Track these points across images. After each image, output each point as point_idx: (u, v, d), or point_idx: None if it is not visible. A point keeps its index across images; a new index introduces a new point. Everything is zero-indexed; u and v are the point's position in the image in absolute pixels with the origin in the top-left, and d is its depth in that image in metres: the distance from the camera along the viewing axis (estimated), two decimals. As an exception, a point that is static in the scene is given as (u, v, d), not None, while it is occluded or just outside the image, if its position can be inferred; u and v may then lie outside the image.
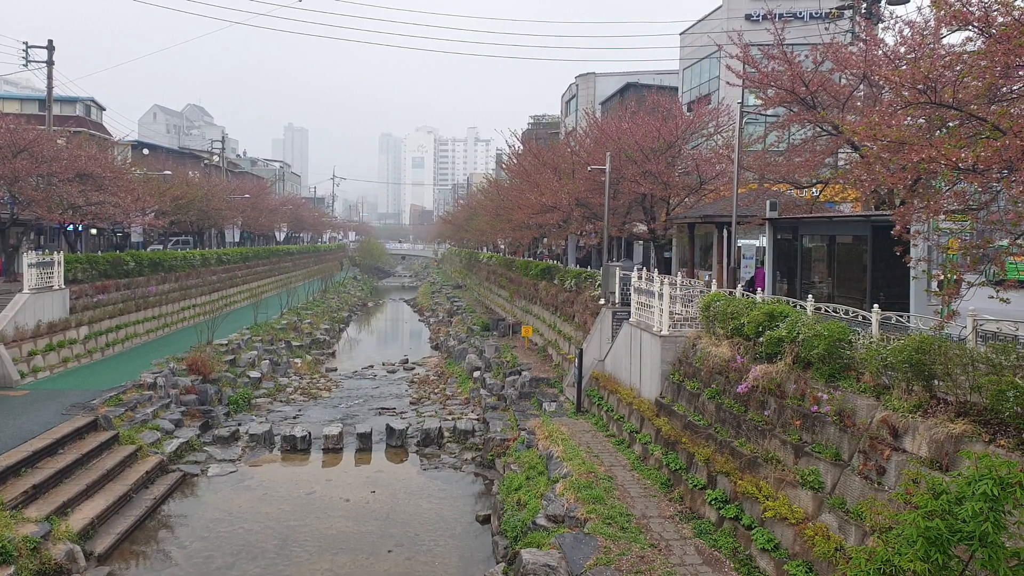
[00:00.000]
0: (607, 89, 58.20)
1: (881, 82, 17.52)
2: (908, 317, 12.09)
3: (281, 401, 29.06)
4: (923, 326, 11.17)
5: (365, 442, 22.99)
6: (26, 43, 35.43)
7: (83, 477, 16.94)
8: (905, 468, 9.31)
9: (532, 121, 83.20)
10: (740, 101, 22.82)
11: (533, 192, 35.29)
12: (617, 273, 24.61)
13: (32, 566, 12.84)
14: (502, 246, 64.08)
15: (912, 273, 14.03)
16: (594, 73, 61.62)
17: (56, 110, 38.65)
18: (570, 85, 65.33)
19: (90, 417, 19.64)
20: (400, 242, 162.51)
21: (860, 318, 12.68)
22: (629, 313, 21.76)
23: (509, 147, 47.11)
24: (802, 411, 12.11)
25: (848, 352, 11.75)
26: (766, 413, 13.19)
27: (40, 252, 28.18)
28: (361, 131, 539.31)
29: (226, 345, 33.54)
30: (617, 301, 24.23)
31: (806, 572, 10.38)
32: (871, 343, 11.31)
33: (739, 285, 20.25)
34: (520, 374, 28.16)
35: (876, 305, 12.01)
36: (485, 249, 73.12)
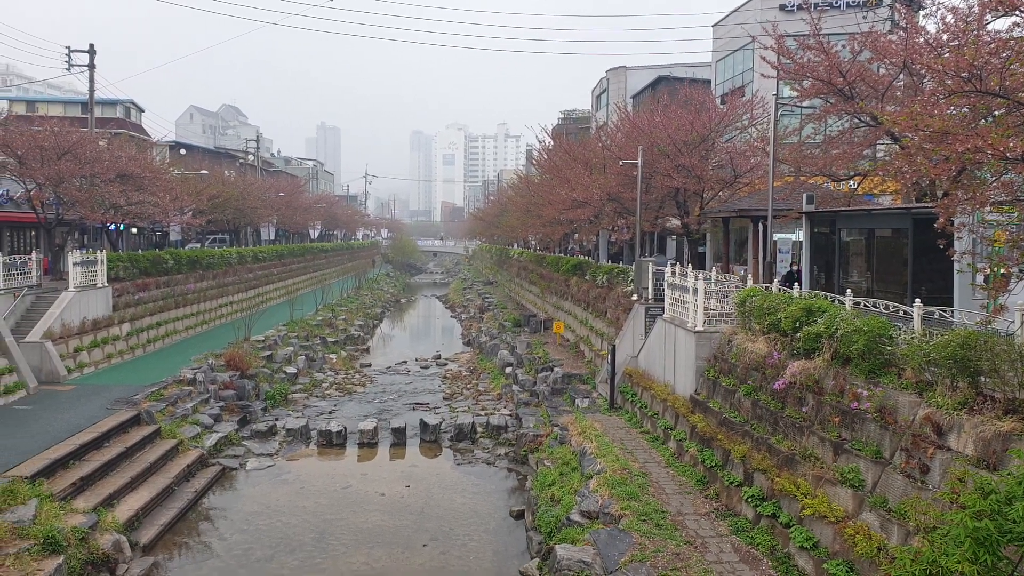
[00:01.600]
0: (638, 83, 57.77)
1: (923, 71, 17.19)
2: (952, 312, 11.85)
3: (317, 396, 29.41)
4: (968, 321, 10.94)
5: (399, 437, 23.17)
6: (68, 48, 36.17)
7: (127, 470, 17.32)
8: (950, 467, 9.15)
9: (562, 116, 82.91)
10: (775, 93, 22.54)
11: (564, 187, 35.21)
12: (650, 268, 24.46)
13: (81, 555, 13.15)
14: (532, 242, 64.03)
15: (956, 267, 13.74)
16: (625, 67, 61.16)
17: (97, 112, 39.42)
18: (601, 79, 64.98)
19: (133, 412, 20.07)
20: (435, 240, 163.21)
21: (901, 313, 12.46)
22: (662, 309, 21.63)
23: (539, 143, 47.05)
24: (841, 408, 11.93)
25: (889, 348, 11.55)
26: (804, 410, 13.03)
27: (84, 251, 28.81)
28: (392, 129, 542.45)
29: (263, 341, 34.02)
30: (650, 297, 24.09)
31: (847, 571, 10.24)
32: (913, 338, 11.11)
33: (775, 280, 20.01)
34: (552, 370, 28.15)
35: (918, 300, 11.79)
36: (515, 245, 73.11)
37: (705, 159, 28.32)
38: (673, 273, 20.80)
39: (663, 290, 22.11)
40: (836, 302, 13.95)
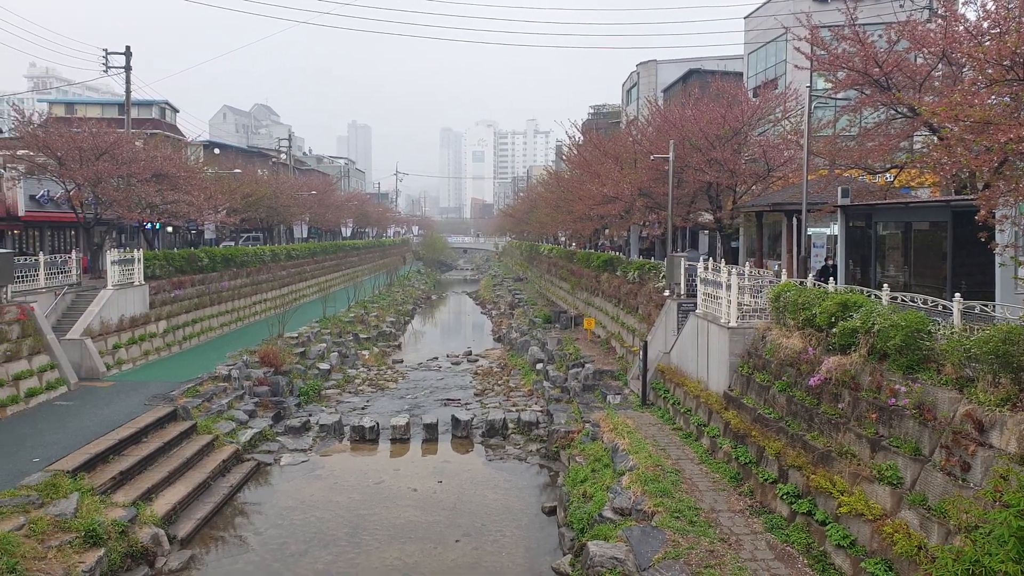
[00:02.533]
0: (669, 76, 57.28)
1: (962, 60, 16.80)
2: (994, 306, 11.58)
3: (350, 392, 29.66)
4: (1011, 316, 10.68)
5: (431, 432, 23.28)
6: (106, 50, 36.84)
7: (165, 465, 17.63)
8: (993, 464, 8.94)
9: (592, 111, 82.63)
10: (809, 85, 22.19)
11: (594, 183, 35.05)
12: (682, 264, 24.26)
13: (120, 548, 13.43)
14: (563, 238, 63.90)
15: (998, 260, 13.44)
16: (655, 60, 60.67)
17: (134, 113, 40.16)
18: (631, 73, 64.54)
19: (170, 407, 20.43)
20: (465, 236, 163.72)
21: (940, 308, 12.21)
22: (695, 304, 21.45)
23: (569, 138, 46.87)
24: (878, 404, 11.73)
25: (927, 343, 11.32)
26: (840, 406, 12.84)
27: (121, 250, 29.37)
28: (422, 127, 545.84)
29: (296, 338, 34.39)
30: (682, 292, 23.91)
31: (885, 570, 10.07)
32: (953, 333, 10.88)
33: (810, 275, 19.73)
34: (583, 366, 28.07)
35: (957, 294, 11.55)
36: (545, 241, 73.04)
37: (738, 153, 28.01)
38: (706, 268, 20.61)
39: (695, 286, 21.93)
40: (872, 297, 13.72)
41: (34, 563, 11.89)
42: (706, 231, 39.62)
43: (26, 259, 24.83)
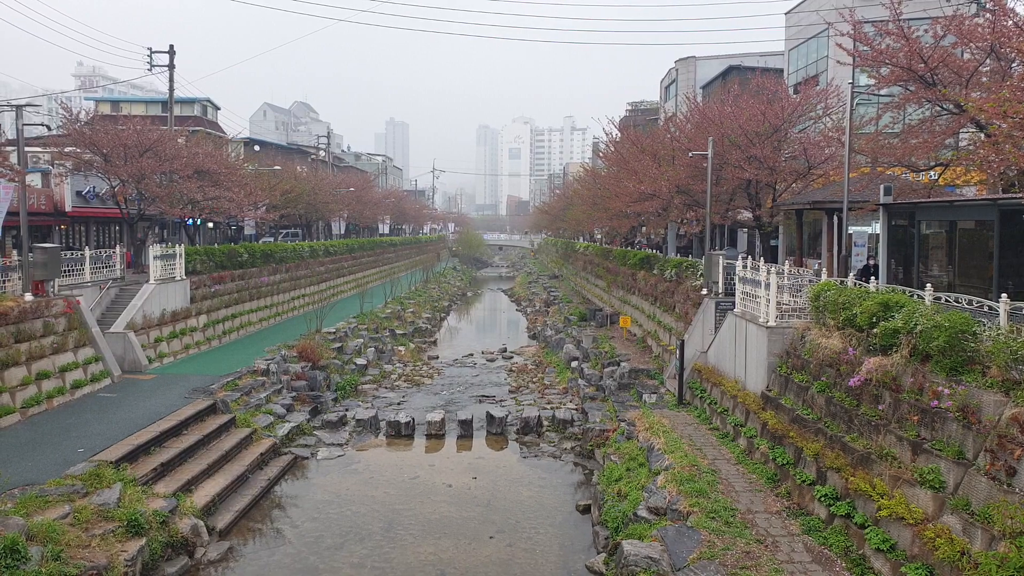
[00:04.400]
0: (708, 73, 56.65)
1: (1012, 55, 16.35)
2: (1042, 307, 11.27)
3: (386, 387, 29.91)
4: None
5: (466, 429, 23.37)
6: (150, 49, 37.58)
7: (204, 457, 17.96)
8: (1039, 469, 8.71)
9: (630, 108, 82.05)
10: (851, 81, 21.79)
11: (631, 180, 34.81)
12: (720, 262, 24.01)
13: (161, 538, 13.71)
14: (598, 236, 63.62)
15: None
16: (694, 57, 60.04)
17: (176, 111, 40.88)
18: (669, 70, 63.96)
19: (210, 401, 20.80)
20: (500, 233, 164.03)
21: (986, 308, 11.92)
22: (733, 303, 21.21)
23: (606, 135, 46.60)
24: (920, 406, 11.49)
25: (972, 344, 11.06)
26: (880, 408, 12.61)
27: (163, 245, 29.99)
28: (459, 124, 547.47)
29: (334, 333, 34.77)
30: (720, 291, 23.66)
31: None
32: (999, 335, 10.61)
33: (850, 274, 19.38)
34: (619, 365, 27.94)
35: (1004, 294, 11.25)
36: (581, 239, 72.81)
37: (777, 150, 27.63)
38: (744, 267, 20.37)
39: (734, 284, 21.69)
40: (915, 297, 13.44)
41: (78, 551, 12.20)
42: (745, 229, 39.13)
43: (72, 254, 25.45)
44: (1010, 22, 16.21)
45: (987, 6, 19.50)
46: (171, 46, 37.28)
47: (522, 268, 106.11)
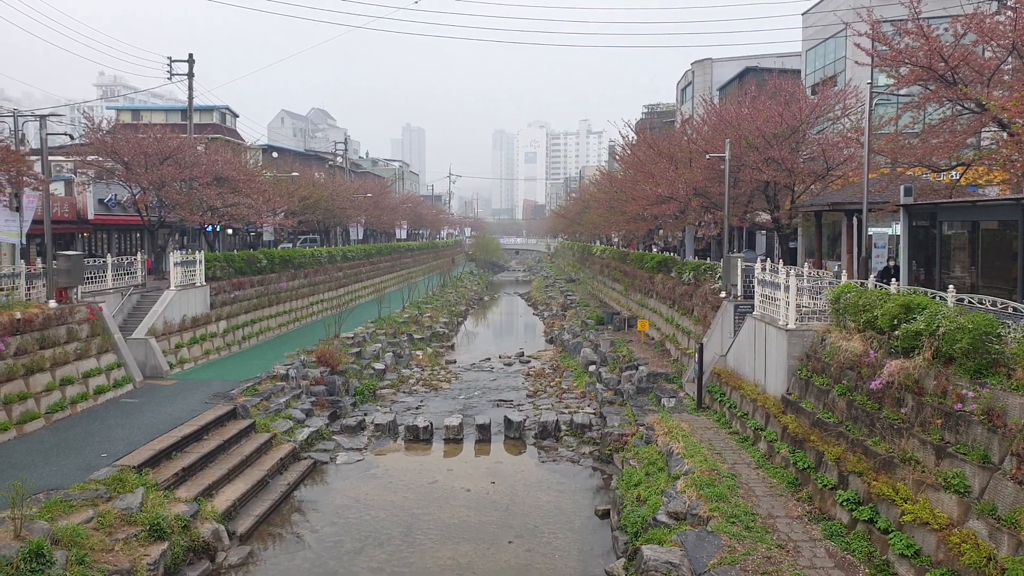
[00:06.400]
0: (724, 75, 56.41)
1: (1033, 54, 16.13)
2: (1068, 309, 11.10)
3: (404, 392, 29.99)
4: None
5: (484, 433, 23.38)
6: (170, 58, 38.04)
7: (225, 462, 18.08)
8: (1066, 473, 8.57)
9: (646, 110, 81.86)
10: (869, 81, 21.60)
11: (648, 183, 34.72)
12: (739, 264, 23.87)
13: (183, 542, 13.82)
14: (615, 239, 63.46)
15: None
16: (711, 59, 59.81)
17: (195, 119, 41.32)
18: (685, 72, 63.76)
19: (230, 406, 20.95)
20: (517, 238, 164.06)
21: (1010, 310, 11.76)
22: (752, 306, 21.07)
23: (622, 138, 46.50)
24: (943, 409, 11.35)
25: (997, 346, 10.90)
26: (902, 411, 12.47)
27: (184, 252, 30.28)
28: (475, 128, 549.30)
29: (352, 338, 34.92)
30: (739, 294, 23.51)
31: (951, 581, 9.74)
32: (1024, 337, 10.47)
33: (871, 276, 19.19)
34: (637, 369, 27.83)
35: (1030, 296, 11.11)
36: (598, 242, 72.66)
37: (796, 151, 27.44)
38: (763, 269, 20.24)
39: (752, 287, 21.55)
40: (937, 298, 13.28)
41: (102, 555, 12.32)
42: (763, 231, 38.87)
43: (95, 261, 25.75)
44: (1032, 20, 16.00)
45: (1009, 3, 19.29)
46: (190, 55, 37.68)
47: (539, 272, 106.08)
